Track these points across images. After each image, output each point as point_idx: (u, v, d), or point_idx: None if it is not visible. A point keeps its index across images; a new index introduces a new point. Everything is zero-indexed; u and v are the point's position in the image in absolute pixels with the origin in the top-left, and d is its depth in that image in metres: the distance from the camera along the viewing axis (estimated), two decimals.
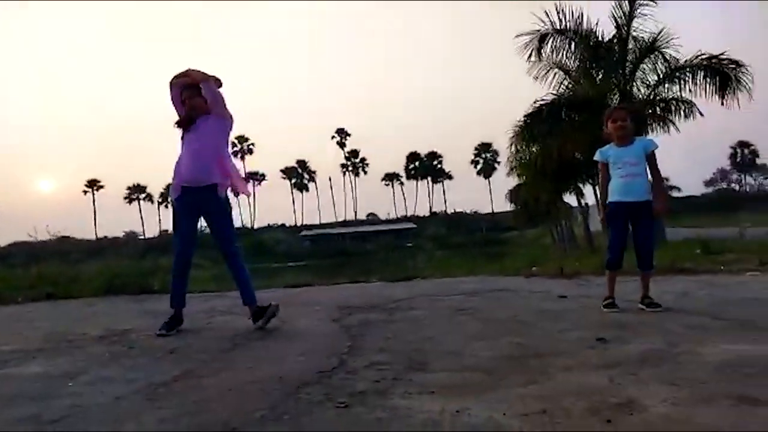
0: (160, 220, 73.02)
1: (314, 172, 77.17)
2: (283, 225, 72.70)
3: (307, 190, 77.58)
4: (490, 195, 73.54)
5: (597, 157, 4.03)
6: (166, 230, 68.48)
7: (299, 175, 77.19)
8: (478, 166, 75.92)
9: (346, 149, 77.05)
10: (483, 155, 75.55)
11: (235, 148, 71.02)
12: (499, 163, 73.80)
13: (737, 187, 74.13)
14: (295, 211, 77.87)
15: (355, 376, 2.46)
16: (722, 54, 12.47)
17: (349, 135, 76.51)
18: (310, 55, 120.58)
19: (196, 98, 3.64)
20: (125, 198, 69.37)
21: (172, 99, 3.68)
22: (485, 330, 3.39)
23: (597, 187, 19.49)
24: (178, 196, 3.67)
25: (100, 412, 2.13)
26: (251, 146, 72.82)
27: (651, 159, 3.87)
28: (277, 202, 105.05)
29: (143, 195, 70.33)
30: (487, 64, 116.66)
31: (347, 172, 78.58)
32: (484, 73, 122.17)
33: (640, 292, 3.90)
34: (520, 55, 14.17)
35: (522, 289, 5.26)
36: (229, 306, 4.75)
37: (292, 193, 76.68)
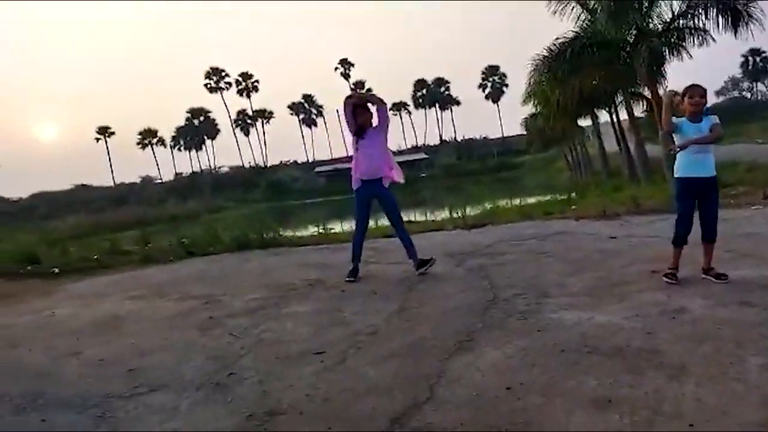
0: (174, 163, 74.62)
1: (321, 107, 77.38)
2: (295, 162, 73.78)
3: (316, 125, 78.11)
4: (500, 119, 73.95)
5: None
6: (181, 173, 70.10)
7: (306, 110, 77.44)
8: (486, 90, 75.86)
9: (351, 81, 76.76)
10: (491, 78, 75.31)
11: (240, 86, 71.27)
12: (507, 86, 73.95)
13: (749, 95, 73.96)
14: (305, 148, 78.83)
15: (512, 303, 4.08)
16: None
17: (352, 65, 75.98)
18: None
19: (365, 114, 5.14)
20: (138, 143, 69.94)
21: (345, 113, 5.16)
22: (570, 268, 4.98)
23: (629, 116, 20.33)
24: (358, 187, 5.22)
25: (386, 329, 3.76)
26: (256, 83, 72.63)
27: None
28: (285, 138, 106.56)
29: (155, 139, 70.88)
30: None
31: None
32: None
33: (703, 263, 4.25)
34: None
35: (576, 231, 6.82)
36: (365, 257, 6.32)
37: (300, 128, 77.33)
